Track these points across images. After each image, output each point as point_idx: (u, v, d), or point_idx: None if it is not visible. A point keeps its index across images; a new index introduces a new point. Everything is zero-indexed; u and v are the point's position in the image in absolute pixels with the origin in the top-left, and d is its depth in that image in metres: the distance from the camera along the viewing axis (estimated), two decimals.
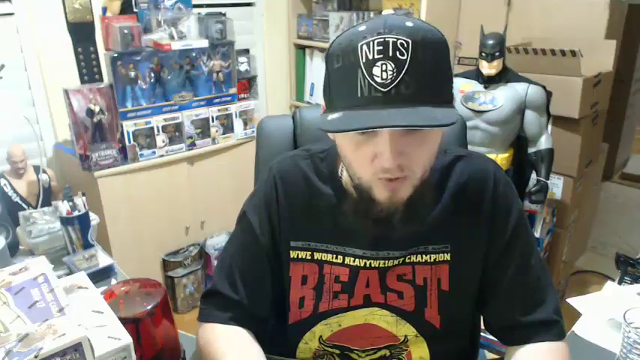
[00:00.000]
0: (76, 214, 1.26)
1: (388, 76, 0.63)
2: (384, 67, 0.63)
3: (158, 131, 2.16)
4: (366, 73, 0.64)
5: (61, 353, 0.58)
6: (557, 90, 2.02)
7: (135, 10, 2.09)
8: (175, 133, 2.22)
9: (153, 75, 2.11)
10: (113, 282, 1.18)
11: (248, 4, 2.86)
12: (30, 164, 2.06)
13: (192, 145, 2.29)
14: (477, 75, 1.98)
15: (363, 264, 0.83)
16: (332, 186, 0.84)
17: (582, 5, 2.17)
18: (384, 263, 0.82)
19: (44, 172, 2.08)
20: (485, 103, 1.95)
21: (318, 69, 2.95)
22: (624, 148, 2.91)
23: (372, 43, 0.64)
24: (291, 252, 0.86)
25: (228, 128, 2.39)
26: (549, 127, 2.04)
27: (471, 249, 0.83)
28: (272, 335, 0.90)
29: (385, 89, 0.64)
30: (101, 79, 2.11)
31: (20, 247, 1.32)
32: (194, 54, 2.21)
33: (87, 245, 1.28)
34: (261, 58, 2.93)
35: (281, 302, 0.88)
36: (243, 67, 2.56)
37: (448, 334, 0.85)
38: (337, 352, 0.88)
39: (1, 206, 1.35)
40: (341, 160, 0.83)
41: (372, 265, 0.83)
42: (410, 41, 0.64)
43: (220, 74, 2.32)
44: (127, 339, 0.68)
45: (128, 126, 2.07)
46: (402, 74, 0.63)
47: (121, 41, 1.99)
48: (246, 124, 2.45)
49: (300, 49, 3.03)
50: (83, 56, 2.08)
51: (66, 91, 1.94)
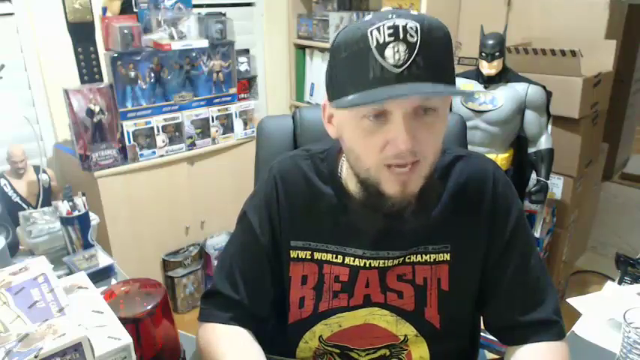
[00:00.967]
0: (76, 214, 1.26)
1: (401, 57, 0.64)
2: (395, 48, 0.64)
3: (158, 131, 2.16)
4: (378, 56, 0.65)
5: (61, 353, 0.58)
6: (557, 90, 2.02)
7: (135, 10, 2.09)
8: (175, 133, 2.22)
9: (153, 75, 2.11)
10: (113, 282, 1.18)
11: (248, 4, 2.87)
12: (30, 164, 2.06)
13: (192, 145, 2.29)
14: (477, 75, 1.98)
15: (362, 264, 0.83)
16: (332, 186, 0.84)
17: (582, 5, 2.17)
18: (384, 263, 0.83)
19: (44, 172, 2.08)
20: (485, 103, 1.95)
21: (318, 69, 2.95)
22: (624, 148, 2.91)
23: (382, 27, 0.65)
24: (291, 252, 0.86)
25: (228, 128, 2.39)
26: (549, 127, 2.04)
27: (470, 249, 0.83)
28: (272, 335, 0.90)
29: (398, 70, 0.65)
30: (101, 79, 2.11)
31: (20, 247, 1.32)
32: (194, 54, 2.21)
33: (87, 245, 1.28)
34: (261, 58, 2.93)
35: (281, 302, 0.88)
36: (243, 67, 2.56)
37: (448, 333, 0.85)
38: (337, 351, 0.88)
39: (1, 206, 1.35)
40: (341, 160, 0.84)
41: (372, 264, 0.83)
42: (418, 25, 0.65)
43: (220, 74, 2.32)
44: (127, 339, 0.68)
45: (128, 126, 2.07)
46: (413, 55, 0.65)
47: (121, 41, 1.99)
48: (246, 124, 2.45)
49: (300, 49, 3.03)
50: (83, 56, 2.08)
51: (66, 91, 1.94)
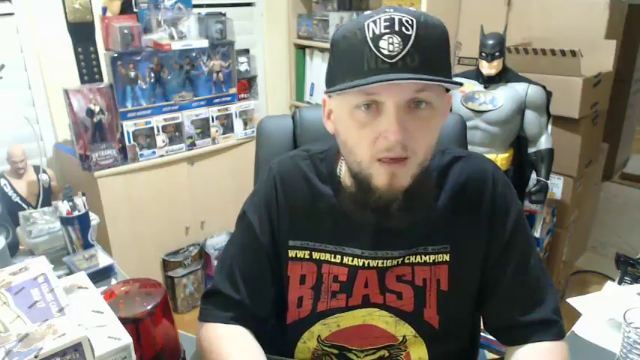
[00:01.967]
0: (76, 214, 1.26)
1: (395, 49, 0.65)
2: (390, 40, 0.66)
3: (158, 131, 2.16)
4: (372, 47, 0.66)
5: (61, 353, 0.58)
6: (557, 90, 2.02)
7: (135, 10, 2.09)
8: (175, 133, 2.22)
9: (153, 75, 2.11)
10: (113, 282, 1.18)
11: (248, 4, 2.86)
12: (30, 164, 2.06)
13: (192, 145, 2.29)
14: (477, 75, 1.98)
15: (361, 263, 0.83)
16: (331, 186, 0.85)
17: (582, 5, 2.17)
18: (383, 263, 0.82)
19: (44, 172, 2.08)
20: (485, 103, 1.95)
21: (318, 69, 2.95)
22: (624, 148, 2.91)
23: (378, 20, 0.67)
24: (289, 251, 0.86)
25: (228, 128, 2.39)
26: (549, 127, 2.04)
27: (470, 249, 0.83)
28: (271, 335, 0.90)
29: (392, 60, 0.66)
30: (101, 79, 2.11)
31: (20, 247, 1.32)
32: (194, 54, 2.21)
33: (87, 245, 1.28)
34: (261, 58, 2.93)
35: (280, 302, 0.88)
36: (243, 67, 2.56)
37: (447, 334, 0.85)
38: (336, 352, 0.88)
39: (1, 206, 1.35)
40: (340, 160, 0.84)
41: (371, 264, 0.83)
42: (414, 19, 0.67)
43: (220, 74, 2.32)
44: (127, 339, 0.68)
45: (128, 126, 2.07)
46: (407, 47, 0.65)
47: (121, 41, 1.99)
48: (246, 124, 2.45)
49: (300, 49, 3.03)
50: (83, 56, 2.08)
51: (66, 91, 1.94)
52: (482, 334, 0.99)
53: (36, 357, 0.56)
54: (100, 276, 1.19)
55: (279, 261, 0.87)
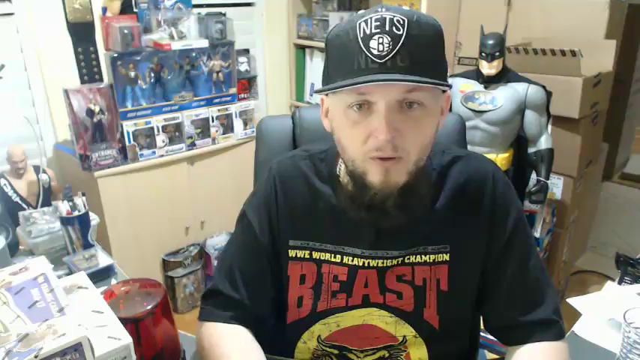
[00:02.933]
0: (76, 214, 1.26)
1: (384, 49, 0.66)
2: (380, 39, 0.66)
3: (158, 131, 2.16)
4: (363, 46, 0.67)
5: (61, 353, 0.58)
6: (557, 90, 2.02)
7: (135, 10, 2.09)
8: (175, 133, 2.22)
9: (153, 75, 2.11)
10: (113, 282, 1.18)
11: (248, 4, 2.86)
12: (30, 164, 2.06)
13: (192, 145, 2.29)
14: (477, 75, 1.98)
15: (361, 263, 0.83)
16: (331, 185, 0.85)
17: (582, 5, 2.17)
18: (383, 263, 0.82)
19: (44, 172, 2.08)
20: (485, 103, 1.95)
21: (318, 69, 2.95)
22: (624, 148, 2.90)
23: (369, 20, 0.67)
24: (289, 251, 0.86)
25: (228, 128, 2.39)
26: (549, 127, 2.04)
27: (470, 249, 0.83)
28: (271, 335, 0.90)
29: (381, 60, 0.66)
30: (101, 79, 2.12)
31: (20, 247, 1.32)
32: (194, 54, 2.21)
33: (87, 245, 1.28)
34: (261, 58, 2.93)
35: (280, 302, 0.88)
36: (243, 67, 2.56)
37: (447, 334, 0.85)
38: (335, 352, 0.88)
39: (1, 206, 1.35)
40: (340, 160, 0.84)
41: (371, 264, 0.83)
42: (406, 19, 0.67)
43: (220, 74, 2.32)
44: (127, 339, 0.68)
45: (128, 126, 2.07)
46: (397, 47, 0.66)
47: (121, 41, 1.99)
48: (246, 124, 2.45)
49: (300, 49, 3.03)
50: (83, 56, 2.08)
51: (66, 91, 1.94)
52: (482, 334, 0.99)
53: (36, 357, 0.56)
54: (100, 276, 1.19)
55: (279, 261, 0.87)
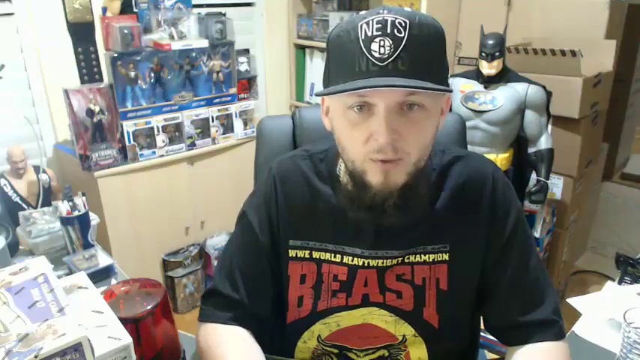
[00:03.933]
0: (76, 214, 1.26)
1: (386, 52, 0.65)
2: (381, 42, 0.66)
3: (158, 131, 2.16)
4: (364, 49, 0.66)
5: (61, 353, 0.58)
6: (557, 90, 2.02)
7: (135, 10, 2.09)
8: (175, 133, 2.22)
9: (153, 75, 2.11)
10: (113, 282, 1.18)
11: (248, 4, 2.86)
12: (30, 164, 2.06)
13: (192, 145, 2.29)
14: (477, 75, 1.98)
15: (361, 263, 0.83)
16: (331, 186, 0.85)
17: (582, 5, 2.17)
18: (383, 263, 0.83)
19: (44, 172, 2.08)
20: (485, 103, 1.95)
21: (318, 69, 2.95)
22: (624, 148, 2.90)
23: (371, 22, 0.67)
24: (290, 251, 0.86)
25: (228, 128, 2.39)
26: (549, 127, 2.04)
27: (469, 249, 0.83)
28: (271, 335, 0.90)
29: (382, 63, 0.66)
30: (101, 79, 2.12)
31: (20, 247, 1.32)
32: (194, 54, 2.21)
33: (87, 245, 1.28)
34: (261, 58, 2.93)
35: (280, 301, 0.88)
36: (243, 67, 2.55)
37: (447, 334, 0.85)
38: (336, 351, 0.88)
39: (1, 206, 1.35)
40: (340, 160, 0.84)
41: (371, 264, 0.83)
42: (408, 21, 0.66)
43: (220, 74, 2.32)
44: (127, 339, 0.68)
45: (128, 126, 2.07)
46: (399, 50, 0.65)
47: (121, 41, 1.99)
48: (246, 124, 2.45)
49: (300, 49, 3.03)
50: (83, 56, 2.08)
51: (66, 91, 1.94)
52: (482, 334, 0.99)
53: (36, 357, 0.56)
54: (100, 276, 1.19)
55: (279, 261, 0.87)
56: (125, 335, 0.68)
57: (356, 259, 0.83)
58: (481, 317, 0.93)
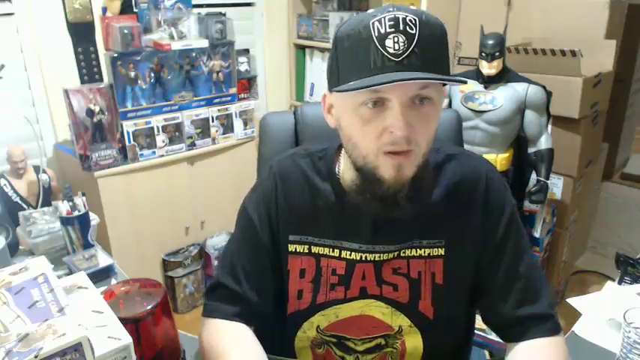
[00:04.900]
0: (76, 214, 1.26)
1: (400, 47, 0.67)
2: (395, 39, 0.67)
3: (158, 131, 2.16)
4: (379, 45, 0.68)
5: (61, 353, 0.58)
6: (557, 90, 2.02)
7: (135, 10, 2.09)
8: (175, 133, 2.22)
9: (153, 75, 2.11)
10: (113, 282, 1.18)
11: (248, 4, 2.87)
12: (30, 164, 2.06)
13: (192, 145, 2.29)
14: (477, 75, 1.98)
15: (359, 257, 0.85)
16: (330, 183, 0.86)
17: (582, 5, 2.17)
18: (380, 257, 0.84)
19: (44, 172, 2.08)
20: (485, 103, 1.95)
21: (318, 69, 2.95)
22: (624, 148, 2.90)
23: (383, 19, 0.68)
24: (289, 246, 0.87)
25: (228, 128, 2.39)
26: (549, 127, 2.04)
27: (464, 246, 0.85)
28: (272, 325, 0.91)
29: (398, 59, 0.67)
30: (101, 79, 2.11)
31: (20, 247, 1.32)
32: (194, 54, 2.21)
33: (87, 245, 1.28)
34: (261, 58, 2.93)
35: (281, 294, 0.90)
36: (243, 67, 2.55)
37: (441, 325, 0.87)
38: (334, 340, 0.90)
39: (1, 206, 1.35)
40: (339, 158, 0.86)
41: (368, 258, 0.85)
42: (417, 18, 0.68)
43: (220, 74, 2.32)
44: (127, 339, 0.68)
45: (128, 126, 2.07)
46: (412, 46, 0.67)
47: (121, 41, 1.99)
48: (246, 124, 2.45)
49: (300, 49, 3.03)
50: (83, 56, 2.08)
51: (66, 91, 1.94)
52: (482, 334, 0.99)
53: (36, 357, 0.56)
54: (100, 276, 1.19)
55: (279, 257, 0.88)
56: (125, 335, 0.68)
57: (354, 253, 0.85)
58: (477, 314, 0.94)
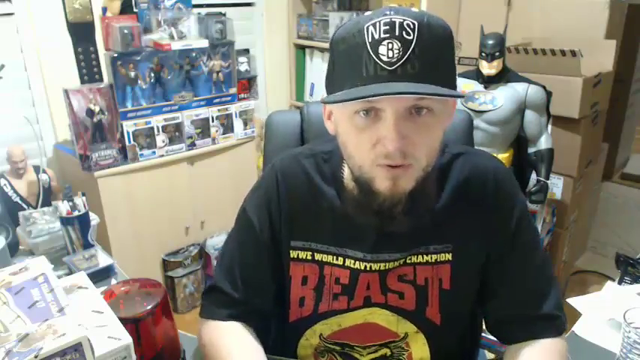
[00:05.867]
0: (76, 214, 1.26)
1: (394, 55, 0.63)
2: (390, 45, 0.63)
3: (158, 131, 2.16)
4: (372, 52, 0.64)
5: (61, 353, 0.58)
6: (557, 90, 2.02)
7: (135, 10, 2.09)
8: (175, 133, 2.21)
9: (153, 75, 2.10)
10: (113, 282, 1.18)
11: (248, 4, 2.87)
12: (30, 164, 2.06)
13: (192, 145, 2.29)
14: (477, 75, 1.98)
15: (363, 267, 0.82)
16: (335, 187, 0.83)
17: (582, 5, 2.17)
18: (385, 266, 0.82)
19: (44, 172, 2.08)
20: (485, 103, 1.95)
21: (318, 69, 2.95)
22: (624, 148, 2.90)
23: (378, 24, 0.64)
24: (291, 252, 0.85)
25: (228, 128, 2.39)
26: (549, 127, 2.04)
27: (473, 247, 0.82)
28: (274, 331, 0.91)
29: (391, 67, 0.63)
30: (101, 79, 2.11)
31: (20, 247, 1.32)
32: (194, 54, 2.21)
33: (87, 245, 1.28)
34: (261, 58, 2.93)
35: (282, 298, 0.88)
36: (243, 67, 2.55)
37: (448, 329, 0.85)
38: (338, 349, 0.88)
39: (1, 206, 1.35)
40: (344, 162, 0.82)
41: (373, 268, 0.82)
42: (416, 22, 0.64)
43: (220, 74, 2.32)
44: (127, 339, 0.68)
45: (128, 126, 2.07)
46: (408, 53, 0.63)
47: (121, 41, 1.99)
48: (246, 124, 2.44)
49: (300, 49, 3.03)
50: (83, 56, 2.08)
51: (66, 91, 1.94)
52: (482, 334, 0.99)
53: (36, 357, 0.56)
54: (100, 276, 1.19)
55: (280, 259, 0.86)
56: (125, 335, 0.68)
57: (358, 262, 0.82)
58: (483, 317, 0.92)
